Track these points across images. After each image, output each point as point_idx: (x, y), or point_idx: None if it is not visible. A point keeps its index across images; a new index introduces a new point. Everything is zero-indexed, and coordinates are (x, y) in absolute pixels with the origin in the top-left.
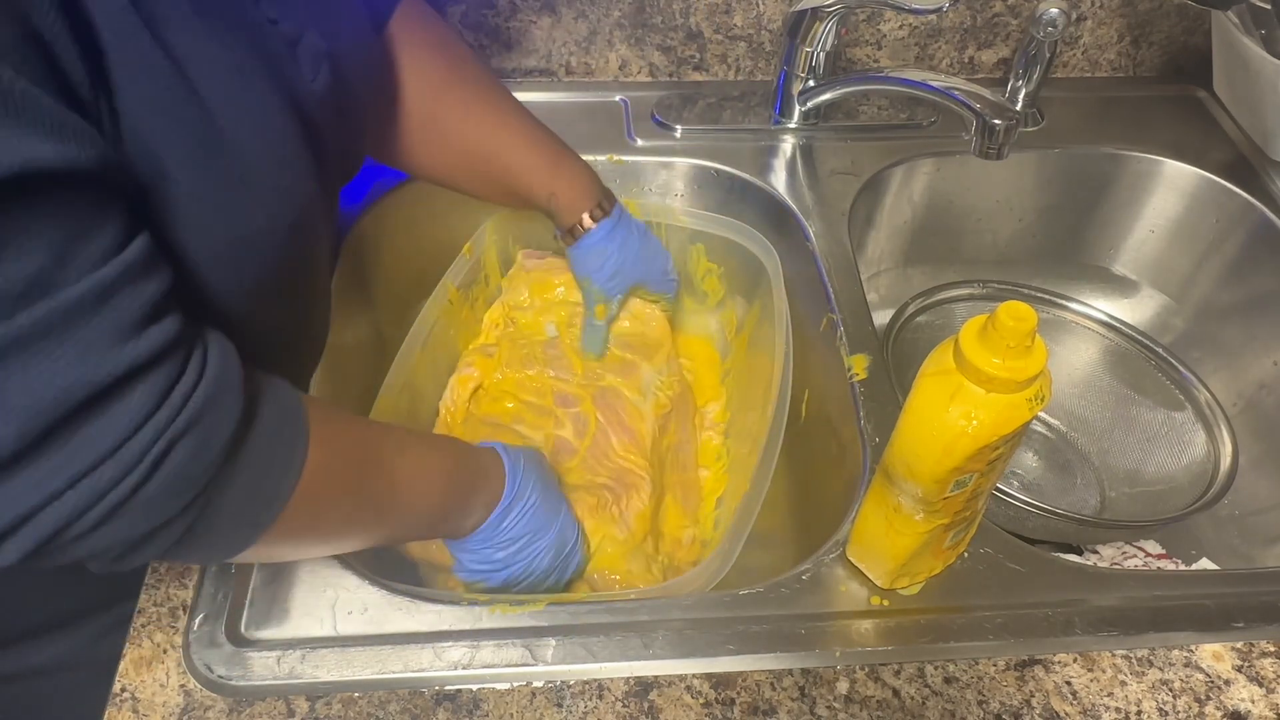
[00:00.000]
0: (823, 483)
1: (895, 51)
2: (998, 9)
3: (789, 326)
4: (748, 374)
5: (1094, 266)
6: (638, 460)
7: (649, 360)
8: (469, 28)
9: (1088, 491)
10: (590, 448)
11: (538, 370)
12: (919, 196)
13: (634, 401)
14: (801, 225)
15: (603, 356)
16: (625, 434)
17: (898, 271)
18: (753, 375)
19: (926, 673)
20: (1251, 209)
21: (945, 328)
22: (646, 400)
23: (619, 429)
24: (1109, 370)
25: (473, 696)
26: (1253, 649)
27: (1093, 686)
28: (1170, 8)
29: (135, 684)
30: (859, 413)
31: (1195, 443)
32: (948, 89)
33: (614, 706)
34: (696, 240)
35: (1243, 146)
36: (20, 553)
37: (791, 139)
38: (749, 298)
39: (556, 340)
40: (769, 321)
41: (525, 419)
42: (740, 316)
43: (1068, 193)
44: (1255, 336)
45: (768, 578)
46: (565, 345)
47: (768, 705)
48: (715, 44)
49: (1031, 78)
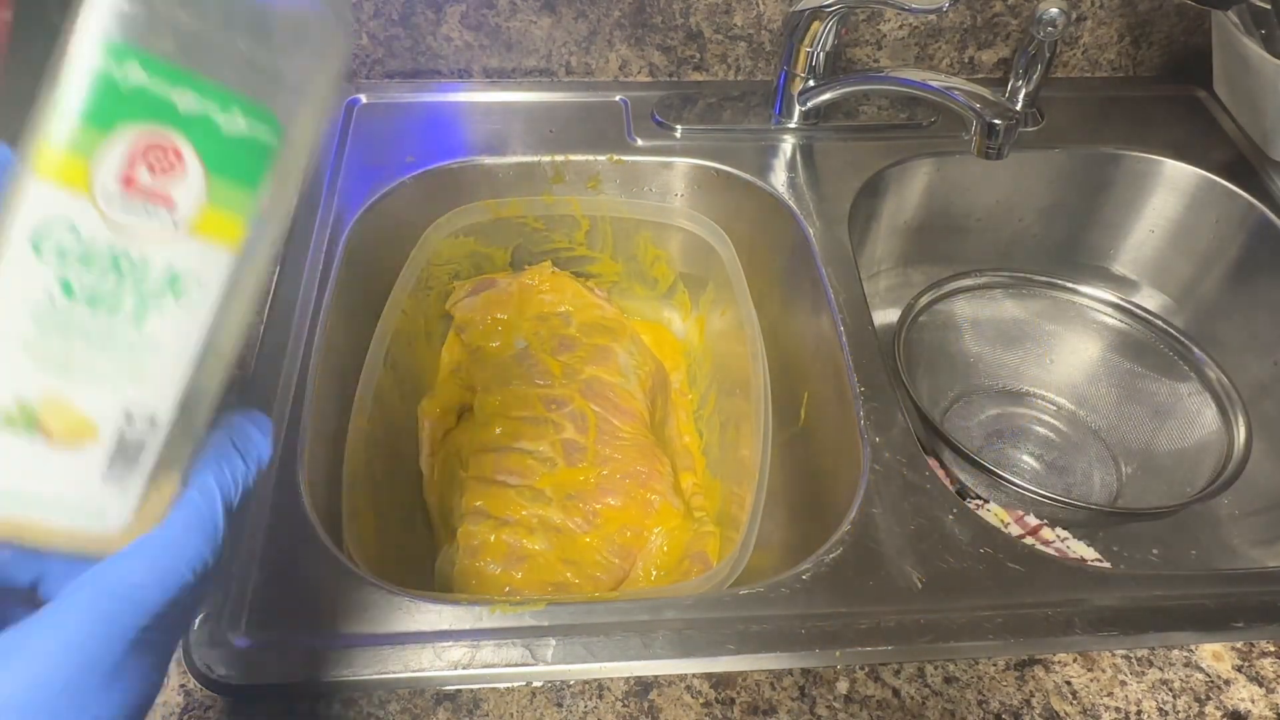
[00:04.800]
0: (823, 483)
1: (895, 51)
2: (998, 9)
3: (750, 303)
4: (714, 355)
5: (1094, 266)
6: (646, 435)
7: (617, 342)
8: (469, 28)
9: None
10: (597, 439)
11: (516, 385)
12: (919, 196)
13: (620, 384)
14: (801, 225)
15: None
16: (624, 415)
17: (898, 271)
18: (722, 358)
19: (926, 672)
20: (1252, 209)
21: (951, 325)
22: (631, 380)
23: (617, 412)
24: (1119, 354)
25: (473, 696)
26: (1253, 649)
27: (1093, 686)
28: (1170, 8)
29: None
30: (859, 413)
31: (1207, 423)
32: (948, 89)
33: (614, 706)
34: (642, 229)
35: (1243, 146)
36: None
37: (791, 139)
38: (702, 281)
39: (528, 350)
40: (729, 304)
41: (524, 434)
42: (694, 299)
43: (1068, 193)
44: (1256, 336)
45: (768, 578)
46: (537, 352)
47: (768, 705)
48: (715, 44)
49: (1031, 78)
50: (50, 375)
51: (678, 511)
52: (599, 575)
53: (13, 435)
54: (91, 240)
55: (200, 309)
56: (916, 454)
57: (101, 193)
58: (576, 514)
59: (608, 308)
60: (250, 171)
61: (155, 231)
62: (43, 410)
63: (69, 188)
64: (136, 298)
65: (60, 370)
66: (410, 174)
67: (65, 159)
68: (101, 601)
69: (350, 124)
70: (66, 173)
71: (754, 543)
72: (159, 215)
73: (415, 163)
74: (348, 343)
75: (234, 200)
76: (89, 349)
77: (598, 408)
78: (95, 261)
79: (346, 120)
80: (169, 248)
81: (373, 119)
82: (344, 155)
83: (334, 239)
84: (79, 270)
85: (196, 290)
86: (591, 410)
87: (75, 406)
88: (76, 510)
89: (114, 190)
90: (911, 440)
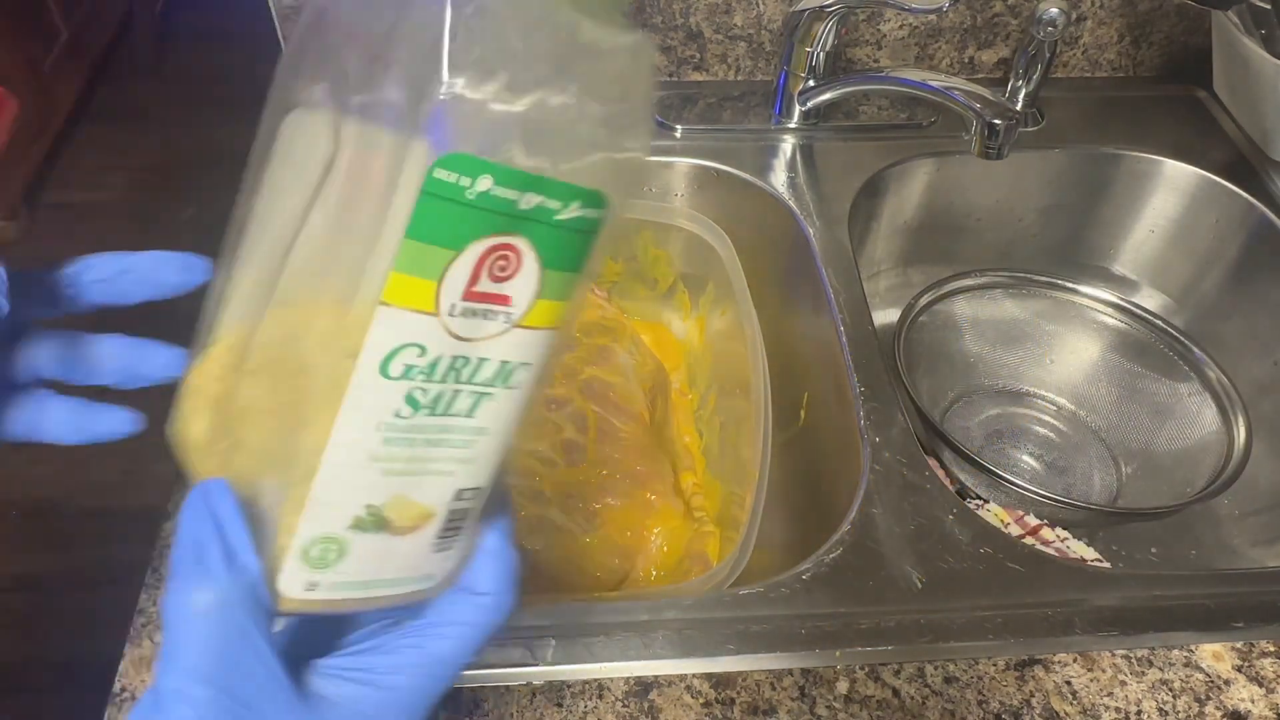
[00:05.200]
0: (823, 483)
1: (895, 51)
2: (998, 9)
3: (750, 303)
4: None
5: (1094, 266)
6: (646, 435)
7: (617, 342)
8: None
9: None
10: (597, 439)
11: None
12: (919, 196)
13: (620, 384)
14: (801, 225)
15: None
16: (624, 415)
17: (898, 271)
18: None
19: (926, 673)
20: (1252, 209)
21: (951, 325)
22: (631, 380)
23: (617, 412)
24: (1118, 353)
25: (473, 696)
26: (1253, 649)
27: (1093, 686)
28: (1170, 8)
29: (135, 684)
30: (859, 413)
31: (1207, 423)
32: (948, 89)
33: (614, 706)
34: (642, 229)
35: (1243, 146)
36: None
37: (791, 139)
38: (702, 281)
39: None
40: (729, 304)
41: (524, 434)
42: (694, 299)
43: (1068, 193)
44: (1256, 336)
45: (768, 578)
46: None
47: (768, 705)
48: (715, 44)
49: (1031, 78)
50: (395, 479)
51: (678, 512)
52: (599, 575)
53: (361, 534)
54: (436, 354)
55: (525, 387)
56: (916, 454)
57: (447, 309)
58: (577, 514)
59: (608, 308)
60: (579, 255)
61: (492, 331)
62: (388, 510)
63: (417, 310)
64: (471, 394)
65: (405, 473)
66: None
67: (414, 284)
68: (467, 632)
69: None
70: (415, 297)
71: (754, 543)
72: (497, 316)
73: None
74: None
75: (563, 287)
76: (428, 449)
77: (598, 408)
78: (438, 371)
79: None
80: (502, 343)
81: None
82: None
83: None
84: (423, 383)
85: (523, 373)
86: (592, 410)
87: (416, 501)
88: (411, 580)
89: (458, 303)
90: (911, 440)
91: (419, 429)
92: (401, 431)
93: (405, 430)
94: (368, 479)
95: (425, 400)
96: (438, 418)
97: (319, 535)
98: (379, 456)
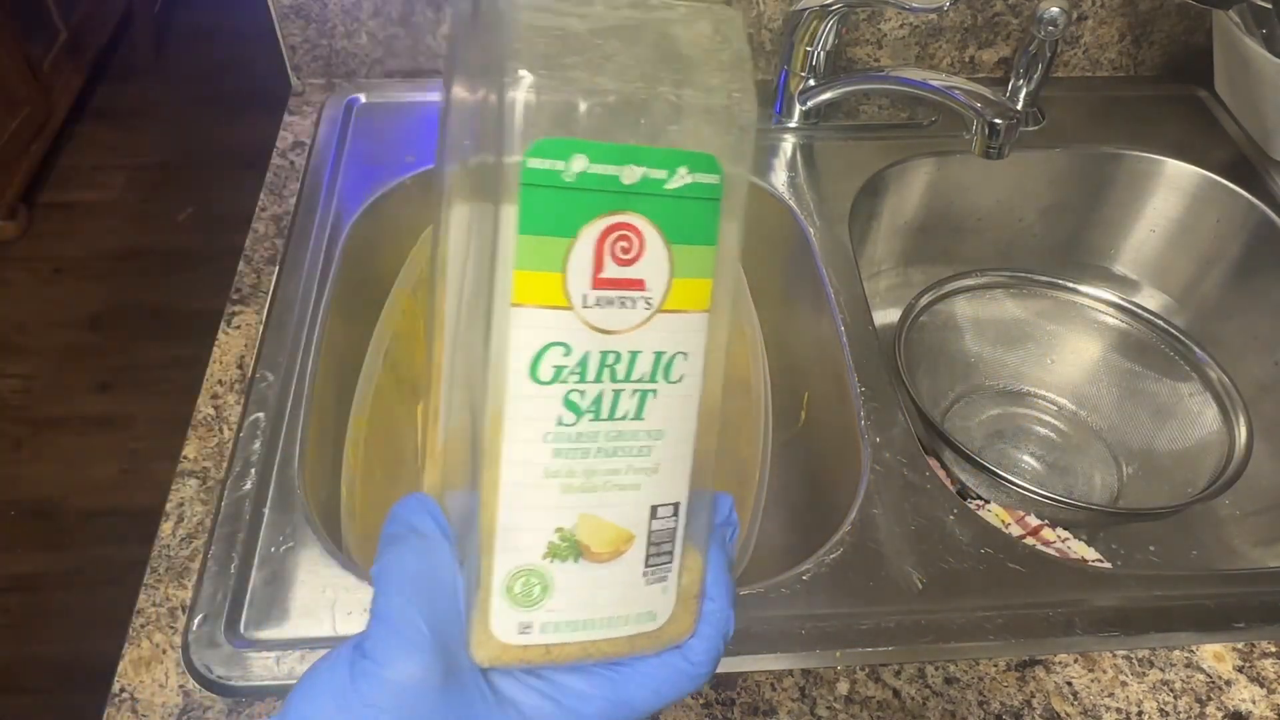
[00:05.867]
0: (823, 483)
1: (896, 51)
2: (998, 8)
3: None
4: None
5: (1095, 266)
6: None
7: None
8: None
9: (1105, 470)
10: None
11: None
12: (919, 196)
13: None
14: (801, 225)
15: None
16: None
17: (898, 271)
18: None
19: (927, 673)
20: (1253, 209)
21: (951, 324)
22: None
23: None
24: (1119, 353)
25: None
26: (1254, 649)
27: (1093, 687)
28: (1171, 7)
29: (134, 684)
30: (859, 413)
31: (1208, 423)
32: (948, 88)
33: None
34: None
35: (1244, 146)
36: None
37: (791, 139)
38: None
39: None
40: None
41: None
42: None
43: (1068, 192)
44: (1257, 336)
45: (768, 578)
46: None
47: (768, 705)
48: None
49: (1032, 77)
50: (577, 496)
51: None
52: None
53: (562, 565)
54: (582, 350)
55: (689, 380)
56: (917, 454)
57: (579, 299)
58: None
59: None
60: (705, 226)
61: (635, 320)
62: (581, 533)
63: (551, 306)
64: (633, 393)
65: (585, 488)
66: (410, 174)
67: (541, 279)
68: (665, 692)
69: (350, 124)
70: (545, 293)
71: (754, 543)
72: (635, 303)
73: (415, 163)
74: (347, 343)
75: (699, 263)
76: (604, 459)
77: None
78: (589, 369)
79: (346, 120)
80: (649, 332)
81: (372, 119)
82: (343, 155)
83: (333, 239)
84: (577, 384)
85: (682, 364)
86: None
87: (607, 519)
88: (632, 620)
89: (590, 292)
90: (912, 440)
91: (588, 436)
92: (570, 441)
93: (573, 439)
94: (549, 498)
95: (585, 403)
96: (604, 422)
97: (516, 567)
98: (553, 471)
